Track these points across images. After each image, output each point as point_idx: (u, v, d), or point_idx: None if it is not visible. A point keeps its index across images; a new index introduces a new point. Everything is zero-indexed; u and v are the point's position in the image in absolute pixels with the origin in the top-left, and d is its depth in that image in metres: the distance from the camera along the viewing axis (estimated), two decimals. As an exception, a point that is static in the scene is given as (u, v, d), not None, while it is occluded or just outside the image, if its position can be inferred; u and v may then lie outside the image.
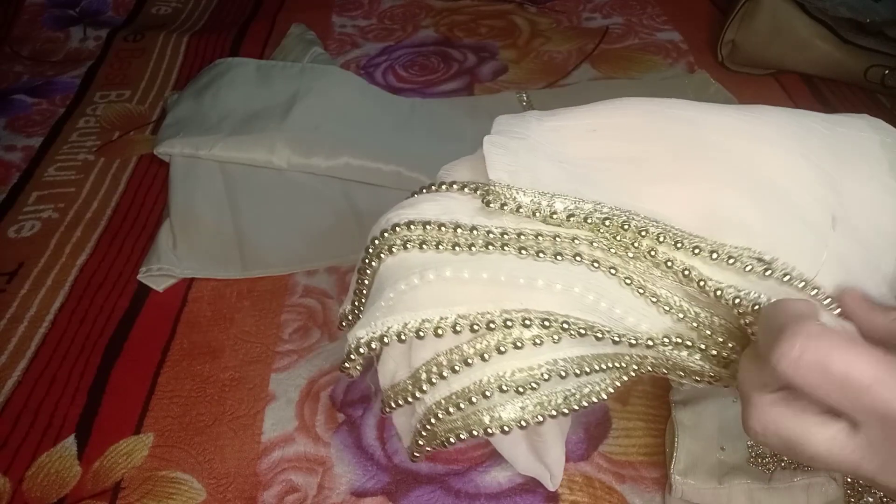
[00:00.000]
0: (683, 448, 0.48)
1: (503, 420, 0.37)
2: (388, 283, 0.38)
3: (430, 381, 0.37)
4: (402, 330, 0.36)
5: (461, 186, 0.40)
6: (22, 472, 0.53)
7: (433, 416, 0.38)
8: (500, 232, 0.38)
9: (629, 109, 0.41)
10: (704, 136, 0.39)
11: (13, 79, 0.99)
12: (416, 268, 0.37)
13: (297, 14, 1.10)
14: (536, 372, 0.36)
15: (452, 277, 0.36)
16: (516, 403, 0.37)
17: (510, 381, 0.36)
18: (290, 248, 0.70)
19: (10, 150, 0.86)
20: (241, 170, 0.77)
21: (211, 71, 0.89)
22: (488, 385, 0.36)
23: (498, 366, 0.36)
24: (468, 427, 0.37)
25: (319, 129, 0.78)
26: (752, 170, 0.38)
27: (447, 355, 0.37)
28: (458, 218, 0.38)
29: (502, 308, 0.36)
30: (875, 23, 0.86)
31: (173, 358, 0.61)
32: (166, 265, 0.67)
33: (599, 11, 1.09)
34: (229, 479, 0.52)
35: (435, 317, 0.36)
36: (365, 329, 0.37)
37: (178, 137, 0.78)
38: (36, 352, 0.62)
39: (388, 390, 0.40)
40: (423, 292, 0.37)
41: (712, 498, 0.47)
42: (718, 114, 0.40)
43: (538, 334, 0.36)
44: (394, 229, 0.38)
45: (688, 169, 0.38)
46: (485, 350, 0.36)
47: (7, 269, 0.70)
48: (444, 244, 0.38)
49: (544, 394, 0.37)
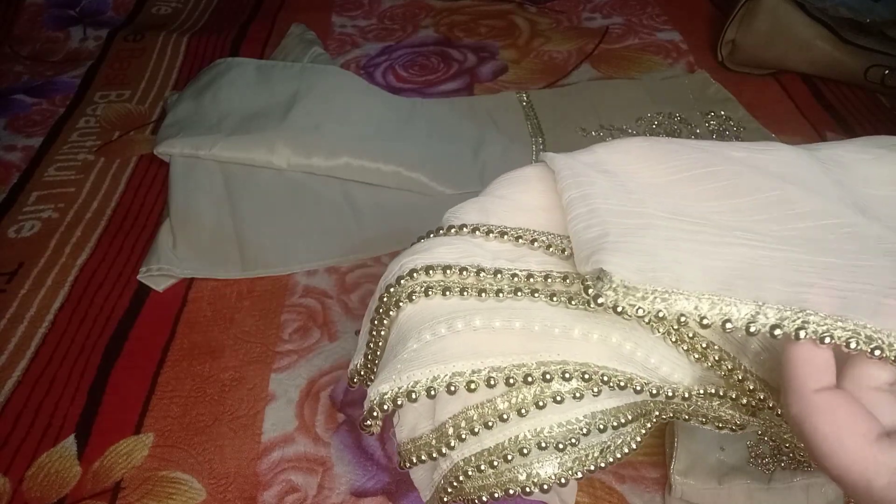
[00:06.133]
0: (683, 448, 0.48)
1: (542, 478, 0.34)
2: (410, 333, 0.34)
3: (460, 437, 0.34)
4: (432, 384, 0.33)
5: (472, 229, 0.38)
6: (22, 472, 0.53)
7: (462, 474, 0.35)
8: (525, 275, 0.35)
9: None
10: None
11: (13, 79, 0.99)
12: (442, 317, 0.34)
13: (297, 14, 1.10)
14: (576, 427, 0.34)
15: (483, 327, 0.34)
16: (555, 460, 0.34)
17: (549, 438, 0.33)
18: (290, 248, 0.70)
19: (10, 150, 0.86)
20: (241, 170, 0.77)
21: (211, 71, 0.89)
22: (525, 441, 0.33)
23: (536, 421, 0.34)
24: (503, 485, 0.34)
25: (319, 129, 0.78)
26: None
27: (478, 409, 0.34)
28: (479, 262, 0.36)
29: (538, 360, 0.33)
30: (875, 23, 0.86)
31: (173, 358, 0.61)
32: (166, 265, 0.67)
33: (599, 11, 1.09)
34: (229, 479, 0.52)
35: (467, 370, 0.33)
36: (389, 384, 0.34)
37: (178, 137, 0.78)
38: (36, 352, 0.62)
39: (409, 444, 0.37)
40: (452, 343, 0.34)
41: (712, 498, 0.47)
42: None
43: (578, 387, 0.33)
44: (411, 275, 0.35)
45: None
46: (521, 405, 0.33)
47: (7, 269, 0.70)
48: (469, 290, 0.35)
49: (582, 448, 0.34)
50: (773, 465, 0.47)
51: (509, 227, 0.38)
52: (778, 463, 0.47)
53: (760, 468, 0.47)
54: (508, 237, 0.38)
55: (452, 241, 0.37)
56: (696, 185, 0.37)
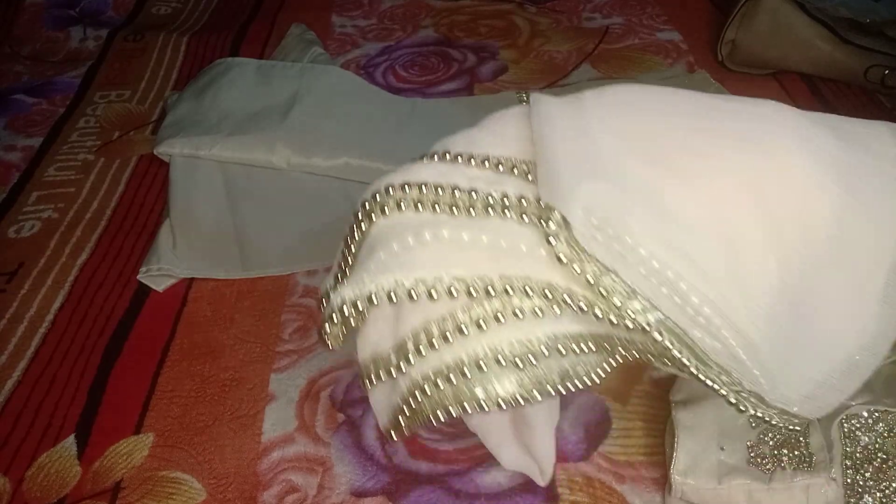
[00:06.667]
0: (683, 448, 0.48)
1: (499, 394, 0.34)
2: (379, 244, 0.35)
3: (419, 352, 0.35)
4: (394, 288, 0.34)
5: (455, 156, 0.38)
6: (22, 472, 0.53)
7: (419, 391, 0.35)
8: (500, 195, 0.36)
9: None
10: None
11: (13, 79, 0.99)
12: (411, 228, 0.35)
13: (297, 14, 1.10)
14: (536, 346, 0.34)
15: (450, 239, 0.35)
16: (513, 378, 0.34)
17: (508, 354, 0.34)
18: (290, 248, 0.70)
19: (10, 150, 0.86)
20: (241, 170, 0.77)
21: (211, 71, 0.89)
22: (484, 357, 0.34)
23: (495, 336, 0.34)
24: (459, 401, 0.35)
25: (319, 129, 0.78)
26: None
27: (439, 323, 0.34)
28: (455, 181, 0.37)
29: (502, 273, 0.34)
30: (875, 23, 0.86)
31: (173, 358, 0.61)
32: (166, 265, 0.67)
33: (599, 11, 1.09)
34: (229, 479, 0.52)
35: (430, 277, 0.34)
36: (351, 288, 0.34)
37: (178, 137, 0.78)
38: (36, 352, 0.62)
39: (369, 361, 0.38)
40: (419, 253, 0.35)
41: (712, 498, 0.47)
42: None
43: (540, 305, 0.34)
44: (387, 191, 0.36)
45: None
46: (482, 318, 0.34)
47: (7, 269, 0.70)
48: (441, 205, 0.35)
49: (542, 369, 0.35)
50: (773, 465, 0.47)
51: (491, 155, 0.39)
52: (778, 463, 0.47)
53: (760, 468, 0.47)
54: (489, 164, 0.38)
55: (434, 164, 0.39)
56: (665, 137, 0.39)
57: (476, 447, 0.53)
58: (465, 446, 0.53)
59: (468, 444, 0.53)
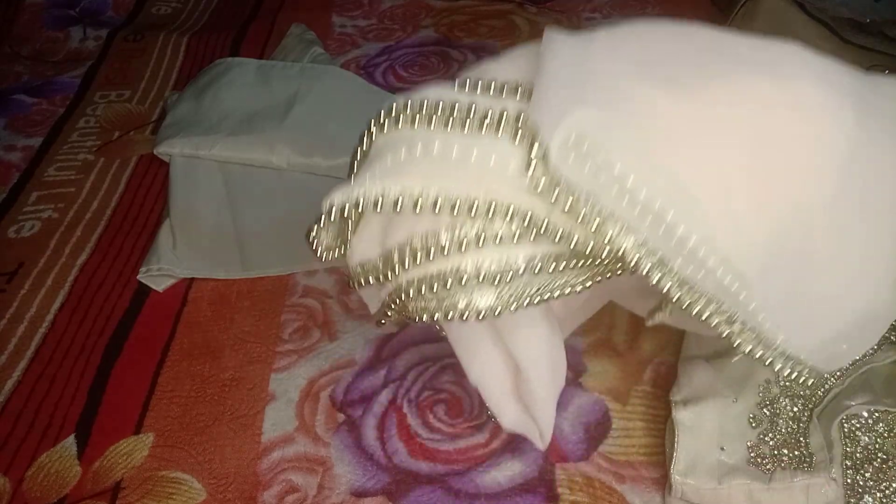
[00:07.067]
0: (683, 448, 0.48)
1: (479, 307, 0.36)
2: (376, 157, 0.37)
3: (403, 264, 0.37)
4: (382, 194, 0.35)
5: (463, 80, 0.39)
6: (22, 472, 0.53)
7: (404, 293, 0.37)
8: (498, 112, 0.36)
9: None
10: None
11: (13, 79, 0.99)
12: (405, 141, 0.36)
13: (297, 14, 1.10)
14: (514, 265, 0.36)
15: (440, 155, 0.36)
16: (493, 291, 0.36)
17: (487, 272, 0.36)
18: (290, 248, 0.70)
19: (10, 150, 0.86)
20: (241, 170, 0.77)
21: (211, 71, 0.89)
22: (465, 272, 0.36)
23: (475, 255, 0.36)
24: (443, 309, 0.37)
25: (319, 129, 0.78)
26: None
27: (422, 239, 0.36)
28: (457, 98, 0.37)
29: (486, 195, 0.35)
30: (875, 23, 0.86)
31: (173, 358, 0.61)
32: (166, 265, 0.67)
33: (599, 11, 1.09)
34: (229, 479, 0.52)
35: (416, 189, 0.35)
36: (341, 193, 0.36)
37: (178, 137, 0.78)
38: (36, 352, 0.62)
39: (357, 267, 0.40)
40: (409, 166, 0.36)
41: (712, 498, 0.47)
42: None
43: (520, 230, 0.35)
44: (390, 109, 0.38)
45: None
46: (463, 239, 0.35)
47: (7, 269, 0.70)
48: (438, 120, 0.36)
49: (520, 285, 0.36)
50: (773, 465, 0.47)
51: (499, 79, 0.39)
52: (778, 463, 0.47)
53: (760, 468, 0.47)
54: (495, 86, 0.39)
55: (442, 88, 0.39)
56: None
57: (476, 447, 0.53)
58: (465, 446, 0.53)
59: (468, 444, 0.53)
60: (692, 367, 0.52)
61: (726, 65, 0.38)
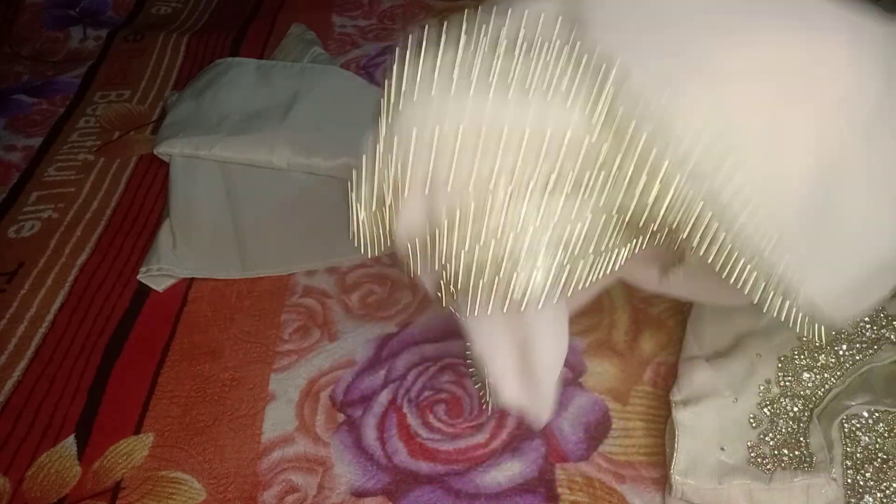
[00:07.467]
0: (683, 448, 0.48)
1: (532, 283, 0.36)
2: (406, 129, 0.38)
3: (451, 243, 0.37)
4: (430, 175, 0.36)
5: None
6: (22, 472, 0.53)
7: (455, 274, 0.37)
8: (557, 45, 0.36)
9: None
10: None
11: (13, 79, 0.99)
12: (449, 117, 0.36)
13: (297, 14, 1.10)
14: (569, 243, 0.36)
15: (488, 132, 0.35)
16: (543, 270, 0.36)
17: (540, 250, 0.36)
18: (290, 248, 0.70)
19: (10, 150, 0.86)
20: (241, 170, 0.77)
21: (211, 71, 0.89)
22: (518, 251, 0.36)
23: (529, 235, 0.36)
24: (494, 287, 0.36)
25: (319, 129, 0.78)
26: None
27: (475, 218, 0.36)
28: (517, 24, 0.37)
29: (540, 168, 0.35)
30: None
31: (173, 358, 0.61)
32: (166, 265, 0.67)
33: (599, 11, 1.09)
34: (229, 479, 0.52)
35: (465, 167, 0.35)
36: (385, 168, 0.37)
37: (178, 137, 0.78)
38: (36, 352, 0.62)
39: (405, 242, 0.39)
40: (449, 144, 0.36)
41: (712, 498, 0.47)
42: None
43: (574, 205, 0.35)
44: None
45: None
46: (520, 216, 0.35)
47: (7, 269, 0.70)
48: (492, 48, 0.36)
49: (571, 262, 0.36)
50: (773, 465, 0.47)
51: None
52: (778, 463, 0.47)
53: (761, 468, 0.47)
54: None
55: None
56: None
57: (476, 447, 0.53)
58: (465, 446, 0.53)
59: (468, 444, 0.53)
60: (692, 368, 0.52)
61: (758, 21, 0.38)
